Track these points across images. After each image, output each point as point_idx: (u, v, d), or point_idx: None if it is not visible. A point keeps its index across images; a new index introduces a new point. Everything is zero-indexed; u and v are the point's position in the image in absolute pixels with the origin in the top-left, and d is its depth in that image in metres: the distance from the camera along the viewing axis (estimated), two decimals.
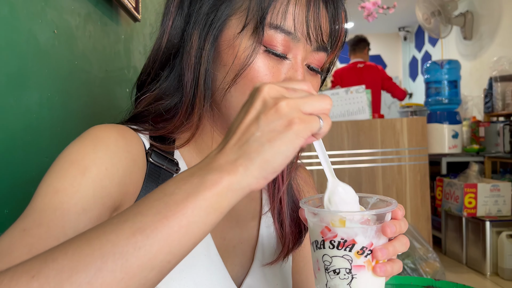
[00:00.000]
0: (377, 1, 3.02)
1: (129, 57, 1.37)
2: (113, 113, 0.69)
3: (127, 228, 0.35)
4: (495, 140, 3.48)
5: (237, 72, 0.54)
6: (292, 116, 0.38)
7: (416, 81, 6.22)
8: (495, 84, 3.48)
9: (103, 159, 0.50)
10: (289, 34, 0.54)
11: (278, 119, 0.38)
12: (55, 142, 0.83)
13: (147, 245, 0.34)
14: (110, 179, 0.50)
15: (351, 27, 6.01)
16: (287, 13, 0.53)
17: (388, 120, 2.67)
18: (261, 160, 0.37)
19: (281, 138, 0.37)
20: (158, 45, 0.60)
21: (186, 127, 0.59)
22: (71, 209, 0.45)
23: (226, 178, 0.37)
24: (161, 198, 0.37)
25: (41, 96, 0.79)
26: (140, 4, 1.38)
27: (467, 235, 3.37)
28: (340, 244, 0.44)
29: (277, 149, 0.37)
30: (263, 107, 0.39)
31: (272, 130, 0.38)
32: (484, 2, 4.38)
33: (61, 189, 0.46)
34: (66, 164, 0.49)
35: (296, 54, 0.55)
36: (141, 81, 0.63)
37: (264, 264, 0.66)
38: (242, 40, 0.54)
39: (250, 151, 0.38)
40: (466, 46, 4.74)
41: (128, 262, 0.34)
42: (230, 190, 0.37)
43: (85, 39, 1.00)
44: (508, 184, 3.23)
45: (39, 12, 0.79)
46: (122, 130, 0.55)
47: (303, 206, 0.48)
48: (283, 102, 0.38)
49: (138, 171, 0.55)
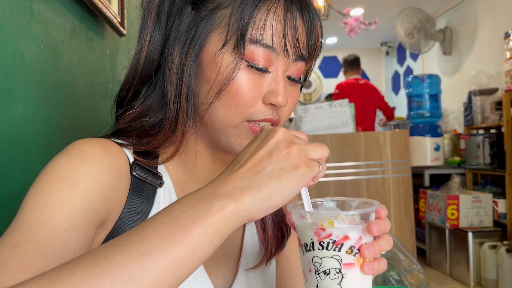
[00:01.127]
0: (359, 17, 3.09)
1: (114, 71, 1.38)
2: (97, 127, 0.69)
3: (135, 251, 0.36)
4: (475, 152, 3.56)
5: (220, 88, 0.56)
6: (299, 160, 0.43)
7: (398, 95, 6.34)
8: (474, 98, 3.57)
9: (90, 174, 0.50)
10: (269, 48, 0.55)
11: (288, 159, 0.42)
12: (40, 155, 0.83)
13: (156, 269, 0.35)
14: (97, 194, 0.50)
15: (334, 43, 6.11)
16: (267, 28, 0.55)
17: (371, 133, 2.71)
18: (268, 193, 0.40)
19: (288, 177, 0.41)
20: (136, 60, 0.61)
21: (170, 142, 0.60)
22: (60, 225, 0.45)
23: (232, 205, 0.39)
24: (168, 221, 0.38)
25: (26, 110, 0.79)
26: (125, 19, 1.39)
27: (450, 247, 3.41)
28: (330, 245, 0.46)
29: (284, 186, 0.41)
30: (276, 146, 0.43)
31: (282, 168, 0.42)
32: (461, 18, 4.52)
33: (48, 203, 0.46)
34: (52, 178, 0.49)
35: (277, 67, 0.57)
36: (121, 98, 0.63)
37: (247, 269, 0.66)
38: (224, 56, 0.56)
39: (260, 182, 0.41)
40: (446, 61, 4.86)
41: (136, 285, 0.35)
42: (234, 217, 0.39)
43: (70, 54, 1.01)
44: (489, 196, 3.29)
45: (24, 27, 0.80)
46: (107, 144, 0.56)
47: (291, 210, 0.49)
48: (294, 146, 0.43)
49: (123, 185, 0.55)
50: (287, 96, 0.58)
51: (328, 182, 2.65)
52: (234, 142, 0.59)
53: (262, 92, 0.57)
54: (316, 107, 2.76)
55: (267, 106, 0.57)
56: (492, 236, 3.17)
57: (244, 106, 0.56)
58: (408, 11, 4.48)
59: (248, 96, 0.56)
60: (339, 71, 6.52)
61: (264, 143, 0.44)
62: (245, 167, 0.42)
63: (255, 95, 0.56)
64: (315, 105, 2.77)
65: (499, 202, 3.23)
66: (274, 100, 0.56)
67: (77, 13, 1.06)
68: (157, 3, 0.59)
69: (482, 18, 4.14)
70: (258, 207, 0.40)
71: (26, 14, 0.80)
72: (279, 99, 0.56)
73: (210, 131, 0.60)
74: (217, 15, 0.56)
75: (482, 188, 3.55)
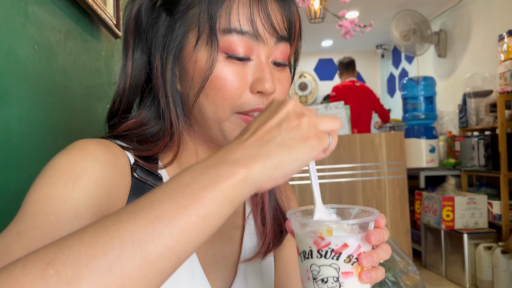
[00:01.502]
0: (354, 20, 3.10)
1: (110, 73, 1.37)
2: (93, 128, 0.69)
3: (144, 216, 0.34)
4: (470, 154, 3.57)
5: (201, 84, 0.56)
6: (310, 132, 0.42)
7: (394, 97, 6.36)
8: (468, 100, 3.59)
9: (94, 169, 0.50)
10: (243, 34, 0.55)
11: (299, 130, 0.41)
12: (34, 158, 0.83)
13: (166, 233, 0.34)
14: (101, 189, 0.50)
15: (329, 45, 6.13)
16: (234, 15, 0.54)
17: (367, 135, 2.72)
18: (278, 162, 0.40)
19: (298, 147, 0.41)
20: (123, 73, 0.61)
21: (170, 147, 0.60)
22: (64, 215, 0.45)
23: (243, 171, 0.38)
24: (177, 188, 0.37)
25: (20, 112, 0.79)
26: (121, 21, 1.39)
27: (446, 248, 3.42)
28: (328, 253, 0.45)
29: (294, 156, 0.40)
30: (287, 117, 0.42)
31: (292, 138, 0.41)
32: (456, 21, 4.55)
33: (53, 195, 0.46)
34: (56, 172, 0.48)
35: (259, 54, 0.57)
36: (113, 112, 0.63)
37: (243, 260, 0.66)
38: (200, 52, 0.56)
39: (270, 150, 0.40)
40: (440, 63, 4.89)
41: (147, 250, 0.33)
42: (245, 184, 0.38)
43: (65, 55, 1.01)
44: (484, 197, 3.31)
45: (19, 28, 0.79)
46: (108, 144, 0.56)
47: (290, 218, 0.49)
48: (305, 118, 0.42)
49: (124, 185, 0.55)
50: (276, 82, 0.57)
51: (324, 184, 2.65)
52: (230, 136, 0.58)
53: (248, 81, 0.56)
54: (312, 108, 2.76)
55: (256, 95, 0.57)
56: (487, 237, 3.18)
57: (231, 98, 0.56)
58: (403, 13, 4.51)
59: (233, 88, 0.56)
60: (335, 74, 6.54)
61: (274, 114, 0.43)
62: (254, 136, 0.41)
63: (240, 86, 0.56)
64: (311, 107, 2.77)
65: (494, 203, 3.25)
66: (261, 88, 0.56)
67: (72, 14, 1.06)
68: (134, 16, 0.60)
69: (476, 20, 4.17)
70: (268, 175, 0.39)
71: (21, 15, 0.80)
72: (266, 86, 0.56)
73: (205, 129, 0.60)
74: (190, 15, 0.57)
75: (477, 190, 3.57)
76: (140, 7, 0.60)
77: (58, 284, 0.30)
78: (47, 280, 0.30)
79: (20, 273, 0.31)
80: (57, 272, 0.31)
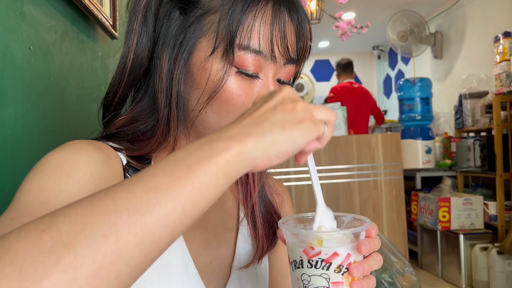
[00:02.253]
0: (351, 21, 3.11)
1: (106, 74, 1.37)
2: (89, 129, 0.69)
3: (139, 187, 0.35)
4: (466, 155, 3.59)
5: (211, 94, 0.56)
6: (304, 116, 0.42)
7: (390, 98, 6.38)
8: (464, 101, 3.61)
9: (87, 165, 0.50)
10: (258, 54, 0.55)
11: (293, 113, 0.42)
12: (30, 158, 0.82)
13: (162, 202, 0.34)
14: (94, 185, 0.50)
15: (326, 46, 6.14)
16: (254, 34, 0.55)
17: (363, 136, 2.73)
18: (272, 140, 0.40)
19: (293, 128, 0.41)
20: (123, 64, 0.60)
21: (163, 148, 0.60)
22: (58, 204, 0.44)
23: (236, 146, 0.38)
24: (172, 162, 0.37)
25: (16, 112, 0.79)
26: (117, 21, 1.39)
27: (442, 249, 3.43)
28: (318, 263, 0.45)
29: (288, 136, 0.41)
30: (282, 101, 0.43)
31: (287, 120, 0.41)
32: (451, 22, 4.57)
33: (46, 186, 0.46)
34: (50, 166, 0.48)
35: (267, 72, 0.57)
36: (107, 102, 0.63)
37: (239, 268, 0.66)
38: (213, 62, 0.56)
39: (264, 128, 0.40)
40: (436, 64, 4.91)
41: (143, 217, 0.33)
42: (239, 159, 0.38)
43: (61, 56, 1.00)
44: (480, 198, 3.32)
45: (15, 29, 0.79)
46: (101, 145, 0.56)
47: (281, 227, 0.49)
48: (299, 103, 0.43)
49: None
50: None
51: (321, 184, 2.65)
52: None
53: (252, 97, 0.57)
54: None
55: None
56: (483, 238, 3.20)
57: (234, 112, 0.56)
58: (400, 14, 4.52)
59: (239, 102, 0.56)
60: (332, 75, 6.55)
61: (270, 98, 0.44)
62: (249, 118, 0.42)
63: (246, 101, 0.56)
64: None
65: (489, 204, 3.26)
66: None
67: (68, 15, 1.05)
68: (143, 5, 0.59)
69: (472, 22, 4.19)
70: (262, 152, 0.40)
71: (17, 16, 0.80)
72: None
73: (203, 135, 0.60)
74: (206, 21, 0.56)
75: (473, 191, 3.58)
76: None
77: (54, 249, 0.30)
78: (42, 245, 0.30)
79: (15, 240, 0.30)
80: (52, 237, 0.31)
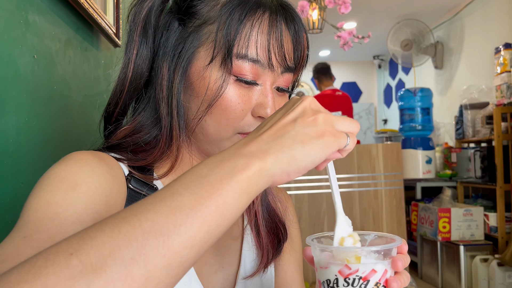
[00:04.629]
0: (353, 31, 3.12)
1: (109, 82, 1.37)
2: (91, 138, 0.69)
3: (165, 207, 0.35)
4: (466, 165, 3.58)
5: (210, 103, 0.56)
6: (325, 128, 0.42)
7: (390, 108, 6.39)
8: (465, 112, 3.61)
9: (91, 178, 0.50)
10: (256, 62, 0.56)
11: (314, 126, 0.41)
12: (32, 167, 0.82)
13: (188, 223, 0.34)
14: (100, 197, 0.50)
15: (327, 55, 6.17)
16: (252, 43, 0.55)
17: (364, 145, 2.73)
18: (291, 156, 0.40)
19: (312, 143, 0.41)
20: (124, 74, 0.61)
21: (165, 158, 0.60)
22: (68, 219, 0.44)
23: (257, 164, 0.39)
24: (194, 180, 0.37)
25: (19, 121, 0.78)
26: (120, 30, 1.39)
27: (442, 259, 3.41)
28: (356, 281, 0.44)
29: (307, 151, 0.40)
30: (302, 113, 0.42)
31: (306, 134, 0.41)
32: (452, 33, 4.59)
33: (53, 202, 0.46)
34: (54, 181, 0.48)
35: (266, 80, 0.58)
36: (108, 113, 0.63)
37: (245, 278, 0.66)
38: (212, 71, 0.56)
39: (283, 144, 0.40)
40: (437, 75, 4.92)
41: (170, 239, 0.33)
42: (260, 176, 0.39)
43: (65, 64, 1.00)
44: (480, 209, 3.31)
45: (19, 37, 0.79)
46: (103, 156, 0.56)
47: (310, 244, 0.48)
48: (321, 114, 0.42)
49: (121, 195, 0.55)
50: (276, 107, 0.58)
51: (321, 194, 2.65)
52: None
53: (251, 105, 0.58)
54: None
55: (256, 119, 0.58)
56: (483, 249, 3.18)
57: (234, 120, 0.57)
58: (403, 23, 4.54)
59: (238, 110, 0.57)
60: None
61: (290, 110, 0.43)
62: (269, 131, 0.41)
63: (244, 108, 0.57)
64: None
65: (490, 215, 3.25)
66: (263, 113, 0.57)
67: (72, 23, 1.06)
68: (143, 17, 0.60)
69: (473, 33, 4.21)
70: (281, 169, 0.40)
71: (21, 24, 0.80)
72: (267, 111, 0.57)
73: (204, 144, 0.61)
74: (204, 31, 0.57)
75: (473, 201, 3.57)
76: (150, 10, 0.60)
77: (84, 273, 0.30)
78: (72, 269, 0.30)
79: (43, 264, 0.30)
80: (81, 261, 0.30)
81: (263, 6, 0.56)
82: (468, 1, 4.21)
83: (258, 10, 0.56)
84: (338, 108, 3.85)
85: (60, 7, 0.98)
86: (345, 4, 2.79)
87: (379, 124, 6.65)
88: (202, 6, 0.58)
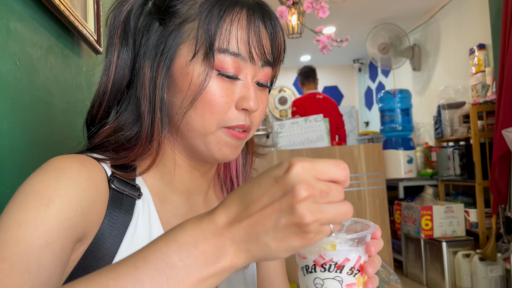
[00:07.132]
0: (331, 35, 3.18)
1: (91, 88, 1.38)
2: (74, 143, 0.70)
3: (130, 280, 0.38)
4: (446, 164, 3.67)
5: (194, 97, 0.58)
6: (311, 230, 0.38)
7: (371, 110, 6.49)
8: (443, 112, 3.70)
9: (67, 190, 0.51)
10: (237, 56, 0.58)
11: (297, 228, 0.38)
12: (16, 172, 0.83)
13: None
14: (74, 211, 0.51)
15: (308, 60, 6.24)
16: (232, 37, 0.58)
17: (346, 147, 2.77)
18: (265, 253, 0.40)
19: (291, 241, 0.39)
20: (106, 76, 0.62)
21: (147, 154, 0.61)
22: (35, 243, 0.46)
23: (228, 262, 0.40)
24: (162, 269, 0.39)
25: (2, 127, 0.79)
26: (101, 37, 1.40)
27: (426, 257, 3.47)
28: (332, 267, 0.47)
29: (283, 246, 0.39)
30: (289, 214, 0.38)
31: (287, 236, 0.39)
32: (428, 36, 4.71)
33: (24, 221, 0.47)
34: (29, 196, 0.49)
35: (247, 74, 0.60)
36: (92, 116, 0.64)
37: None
38: (194, 66, 0.58)
39: (256, 247, 0.40)
40: (415, 76, 5.03)
41: None
42: (227, 272, 0.41)
43: (46, 71, 1.01)
44: (460, 206, 3.39)
45: (1, 44, 0.80)
46: (83, 160, 0.56)
47: None
48: (309, 217, 0.37)
49: (101, 199, 0.56)
50: (258, 100, 0.61)
51: None
52: (214, 148, 0.61)
53: (234, 98, 0.60)
54: (292, 122, 2.80)
55: (240, 111, 0.60)
56: (465, 245, 3.25)
57: (218, 113, 0.59)
58: (380, 27, 4.64)
59: (222, 103, 0.59)
60: None
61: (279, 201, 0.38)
62: (248, 221, 0.39)
63: (228, 101, 0.59)
64: (291, 121, 2.81)
65: (470, 211, 3.33)
66: (246, 105, 0.59)
67: (53, 31, 1.07)
68: (122, 20, 0.62)
69: (448, 35, 4.33)
70: (249, 261, 0.41)
71: (3, 31, 0.81)
72: (250, 103, 0.59)
73: (188, 140, 0.62)
74: (185, 29, 0.59)
75: (454, 199, 3.65)
76: (129, 13, 0.62)
77: None
78: None
79: None
80: None
81: (241, 3, 0.59)
82: (443, 4, 4.33)
83: (236, 7, 0.58)
84: (319, 111, 3.88)
85: (40, 15, 0.99)
86: (322, 8, 2.85)
87: (361, 127, 6.74)
88: (181, 6, 0.60)
